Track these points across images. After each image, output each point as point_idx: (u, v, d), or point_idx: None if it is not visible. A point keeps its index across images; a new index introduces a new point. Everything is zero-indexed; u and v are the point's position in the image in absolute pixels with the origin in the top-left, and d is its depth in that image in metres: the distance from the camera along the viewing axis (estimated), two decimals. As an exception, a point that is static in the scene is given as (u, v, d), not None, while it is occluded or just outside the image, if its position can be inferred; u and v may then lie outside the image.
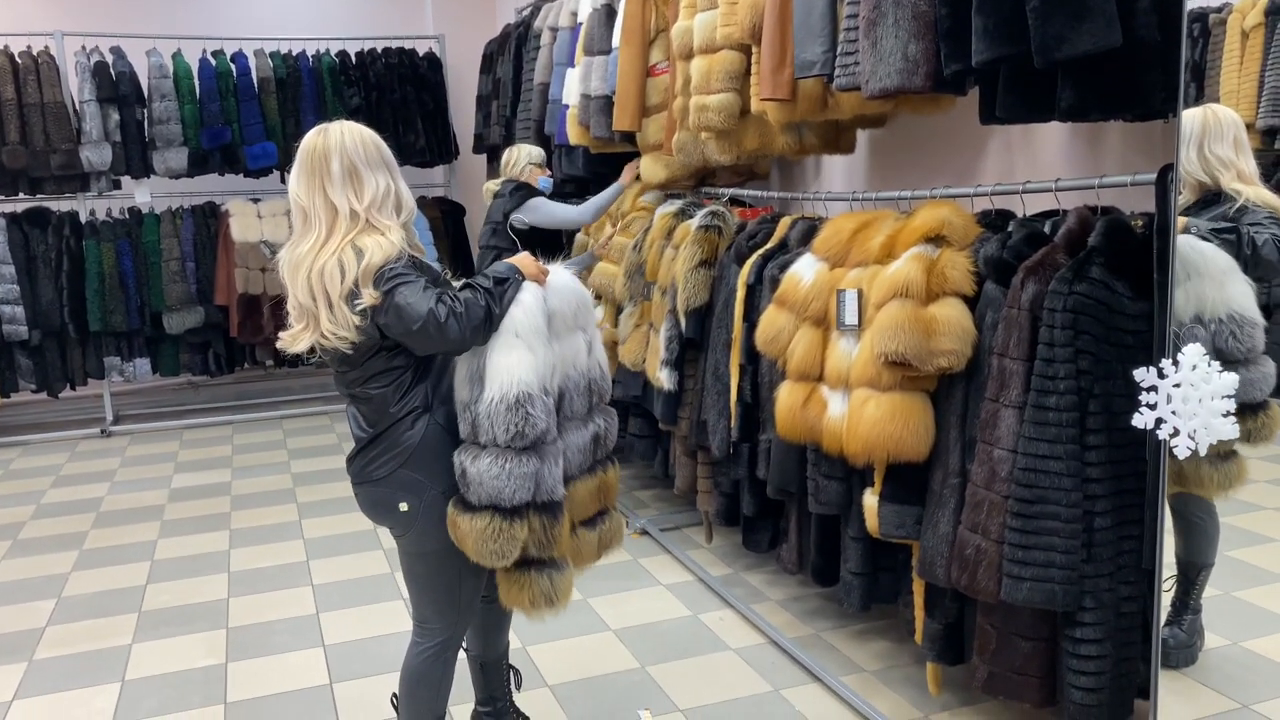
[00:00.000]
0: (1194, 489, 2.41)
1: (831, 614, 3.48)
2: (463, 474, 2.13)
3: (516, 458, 2.09)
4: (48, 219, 6.45)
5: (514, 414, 2.07)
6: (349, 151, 2.15)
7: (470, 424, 2.13)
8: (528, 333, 2.14)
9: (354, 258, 2.08)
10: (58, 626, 3.68)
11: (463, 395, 2.17)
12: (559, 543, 2.21)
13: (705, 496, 3.90)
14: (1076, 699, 2.32)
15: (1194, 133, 2.32)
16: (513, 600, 2.25)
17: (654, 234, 4.18)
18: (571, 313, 2.30)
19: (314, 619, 3.66)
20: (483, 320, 2.11)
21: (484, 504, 2.10)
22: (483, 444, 2.11)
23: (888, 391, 2.58)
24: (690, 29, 3.67)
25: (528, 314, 2.15)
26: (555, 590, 2.22)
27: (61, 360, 6.56)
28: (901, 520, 2.65)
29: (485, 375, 2.12)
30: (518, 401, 2.08)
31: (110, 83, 6.33)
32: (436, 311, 2.05)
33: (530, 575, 2.21)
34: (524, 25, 5.91)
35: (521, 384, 2.09)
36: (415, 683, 2.36)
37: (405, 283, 2.07)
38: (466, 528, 2.12)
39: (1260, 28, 2.42)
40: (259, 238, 6.57)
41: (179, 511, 4.95)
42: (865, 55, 2.62)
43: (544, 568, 2.21)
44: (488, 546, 2.10)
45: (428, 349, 2.15)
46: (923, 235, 2.64)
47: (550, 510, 2.17)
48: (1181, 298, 2.22)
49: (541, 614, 2.23)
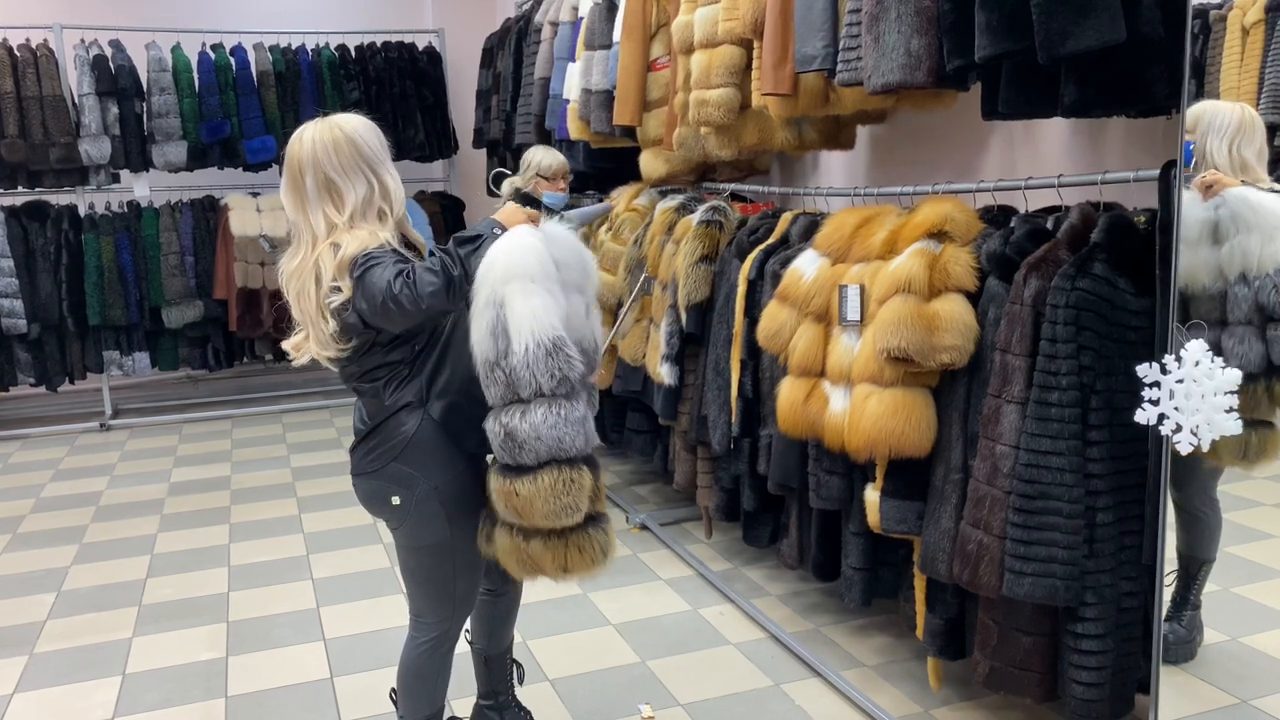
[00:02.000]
0: (1212, 457, 2.36)
1: (832, 609, 3.49)
2: (509, 436, 2.00)
3: (568, 403, 1.99)
4: (47, 212, 6.45)
5: (555, 358, 1.96)
6: (321, 164, 2.09)
7: (504, 381, 1.99)
8: (542, 277, 2.01)
9: (330, 255, 2.05)
10: (58, 620, 3.69)
11: (487, 352, 2.02)
12: (603, 495, 2.15)
13: (705, 492, 3.90)
14: (1077, 694, 2.33)
15: (1229, 127, 2.31)
16: (579, 566, 2.10)
17: (655, 229, 4.17)
18: (574, 267, 2.18)
19: (314, 613, 3.66)
20: (442, 285, 1.99)
21: (543, 460, 1.99)
22: (525, 398, 1.98)
23: (890, 387, 2.58)
24: (691, 23, 3.66)
25: (539, 258, 2.02)
26: (610, 542, 2.13)
27: (60, 354, 6.55)
28: (903, 515, 2.65)
29: (509, 326, 1.98)
30: (555, 345, 1.97)
31: (109, 76, 6.32)
32: (393, 284, 1.97)
33: (589, 533, 2.10)
34: (524, 19, 5.90)
35: (555, 327, 1.98)
36: (412, 677, 2.36)
37: (373, 264, 2.01)
38: (530, 491, 2.00)
39: (1260, 24, 2.42)
40: (258, 232, 6.57)
41: (179, 505, 4.95)
42: (867, 50, 2.62)
43: (599, 521, 2.12)
44: (560, 502, 1.99)
45: (399, 325, 2.07)
46: (925, 231, 2.64)
47: (594, 462, 2.08)
48: (1227, 255, 2.20)
49: (599, 568, 2.11)
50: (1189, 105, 2.15)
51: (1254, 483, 2.61)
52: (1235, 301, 2.26)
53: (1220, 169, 2.31)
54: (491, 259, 2.02)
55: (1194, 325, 2.17)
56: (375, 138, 2.16)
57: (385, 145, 2.19)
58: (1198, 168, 2.32)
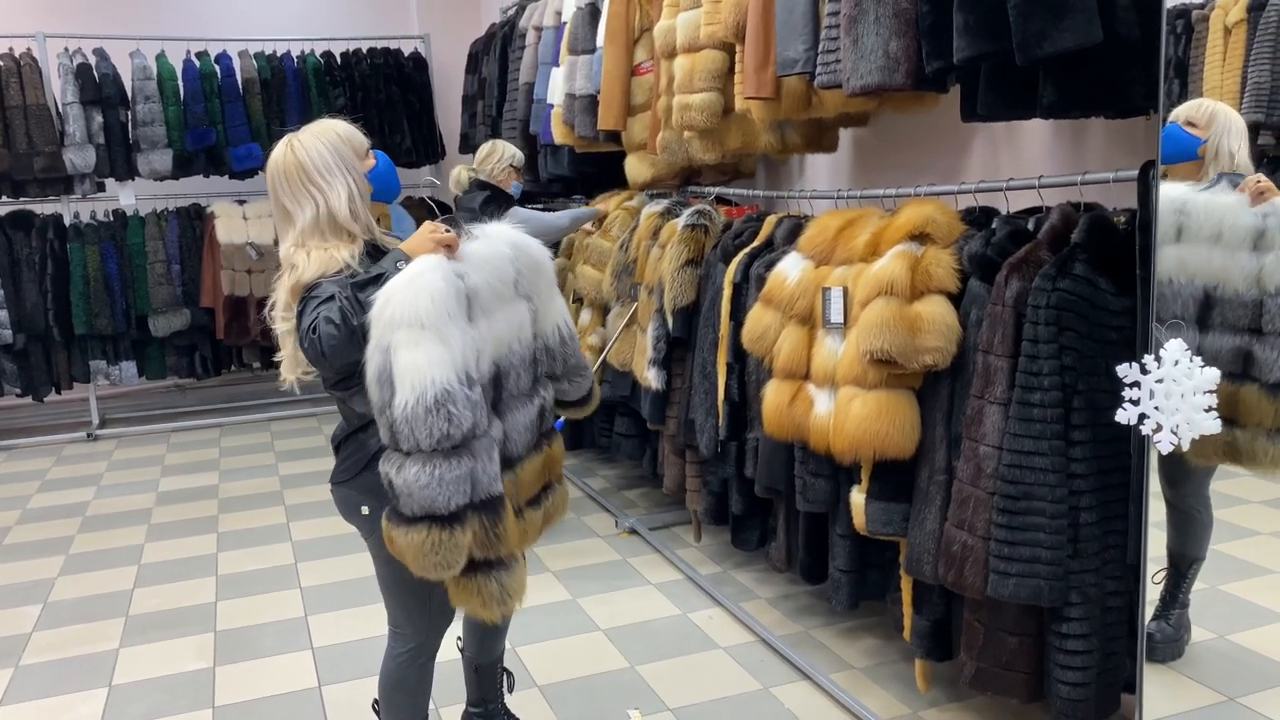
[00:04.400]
0: (1247, 464, 2.36)
1: (820, 611, 3.49)
2: (390, 485, 1.90)
3: (446, 461, 1.87)
4: (31, 222, 6.41)
5: (435, 416, 1.84)
6: (275, 189, 2.09)
7: (389, 429, 1.89)
8: (435, 321, 1.86)
9: (288, 278, 2.04)
10: (44, 632, 3.66)
11: (375, 396, 1.91)
12: (505, 540, 2.01)
13: (694, 495, 3.90)
14: (1063, 693, 2.33)
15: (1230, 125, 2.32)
16: (462, 603, 2.06)
17: (640, 233, 4.17)
18: (504, 283, 2.07)
19: (302, 622, 3.64)
20: (343, 338, 1.91)
21: (417, 515, 1.89)
22: (405, 451, 1.87)
23: (874, 389, 2.58)
24: (673, 28, 3.67)
25: (434, 300, 1.86)
26: (506, 591, 2.04)
27: (46, 364, 6.51)
28: (889, 517, 2.66)
29: (394, 376, 1.85)
30: (436, 402, 1.84)
31: (94, 84, 6.29)
32: (304, 337, 1.93)
33: (478, 580, 2.01)
34: (509, 25, 5.90)
35: (437, 383, 1.84)
36: (392, 688, 2.33)
37: (306, 303, 1.96)
38: (404, 543, 1.91)
39: (1242, 24, 2.43)
40: (245, 239, 6.55)
41: (166, 515, 4.93)
42: (846, 53, 2.62)
43: (492, 569, 2.02)
44: (429, 560, 1.90)
45: (326, 371, 2.05)
46: (907, 233, 2.64)
47: (490, 507, 1.97)
48: (1272, 265, 2.19)
49: (495, 615, 2.04)
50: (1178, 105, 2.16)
51: (1242, 480, 2.62)
52: (1274, 314, 2.25)
53: (1241, 169, 2.32)
54: (385, 297, 1.88)
55: (1173, 324, 2.18)
56: (331, 151, 2.10)
57: (355, 149, 2.15)
58: (1210, 166, 2.33)
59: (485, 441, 1.97)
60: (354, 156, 2.15)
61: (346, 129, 2.17)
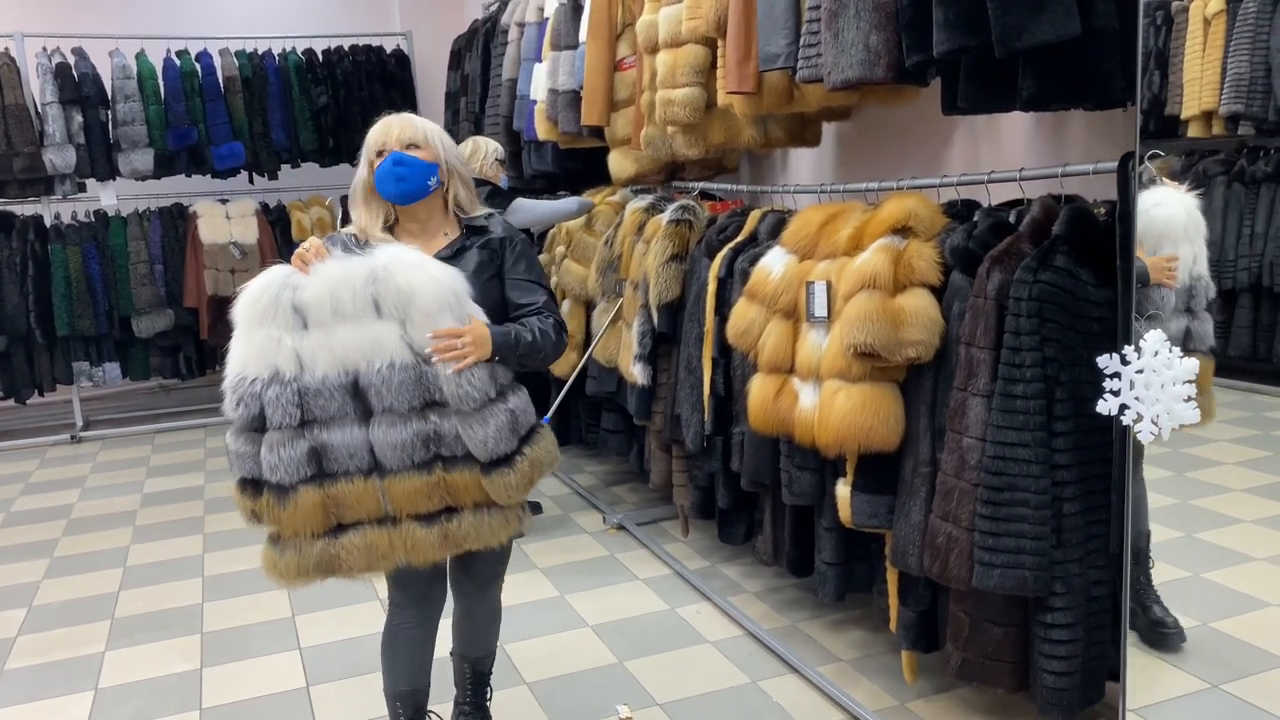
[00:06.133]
0: None
1: (808, 604, 3.50)
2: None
3: (240, 436, 2.20)
4: (11, 223, 6.36)
5: (230, 396, 2.18)
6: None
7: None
8: (243, 320, 2.18)
9: None
10: (29, 635, 3.65)
11: None
12: (283, 523, 2.23)
13: (680, 490, 3.91)
14: (1048, 683, 2.35)
15: None
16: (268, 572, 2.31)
17: (625, 229, 4.17)
18: (353, 302, 2.13)
19: (289, 622, 3.64)
20: None
21: (235, 472, 2.24)
22: (230, 419, 2.23)
23: (857, 382, 2.59)
24: (656, 23, 3.66)
25: (248, 304, 2.18)
26: (278, 565, 2.26)
27: (29, 366, 6.47)
28: (874, 510, 2.67)
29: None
30: (231, 387, 2.18)
31: (73, 84, 6.25)
32: None
33: (271, 547, 2.28)
34: (491, 21, 5.88)
35: (232, 374, 2.18)
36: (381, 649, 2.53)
37: None
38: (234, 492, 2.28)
39: (1222, 15, 2.44)
40: (228, 239, 6.52)
41: (151, 517, 4.91)
42: (827, 47, 2.63)
43: (275, 541, 2.27)
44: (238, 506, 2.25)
45: None
46: (889, 227, 2.65)
47: (278, 491, 2.20)
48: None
49: (270, 579, 2.28)
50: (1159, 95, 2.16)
51: (1223, 468, 2.64)
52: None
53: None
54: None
55: (1152, 315, 2.19)
56: (372, 132, 2.37)
57: (376, 138, 2.35)
58: None
59: (281, 435, 2.16)
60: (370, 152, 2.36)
61: (380, 124, 2.37)
